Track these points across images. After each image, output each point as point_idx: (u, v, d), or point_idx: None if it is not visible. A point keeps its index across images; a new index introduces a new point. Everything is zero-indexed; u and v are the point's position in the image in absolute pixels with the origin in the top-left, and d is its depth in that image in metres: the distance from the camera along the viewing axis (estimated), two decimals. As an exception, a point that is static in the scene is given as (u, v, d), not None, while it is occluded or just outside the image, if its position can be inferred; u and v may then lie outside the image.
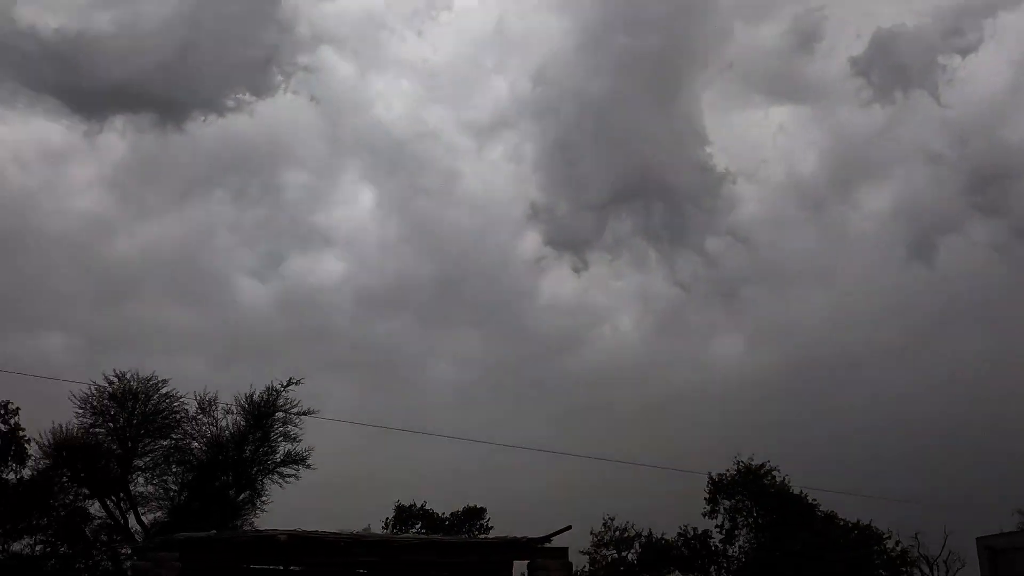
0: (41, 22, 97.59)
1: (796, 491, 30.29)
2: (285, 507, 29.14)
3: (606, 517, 32.64)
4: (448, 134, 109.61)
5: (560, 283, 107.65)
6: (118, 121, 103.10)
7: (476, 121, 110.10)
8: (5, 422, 26.79)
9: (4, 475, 26.50)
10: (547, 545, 15.65)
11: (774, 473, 30.47)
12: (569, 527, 16.13)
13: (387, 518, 35.56)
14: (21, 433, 27.01)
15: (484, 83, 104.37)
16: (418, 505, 36.30)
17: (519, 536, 15.74)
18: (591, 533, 32.32)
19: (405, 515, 35.83)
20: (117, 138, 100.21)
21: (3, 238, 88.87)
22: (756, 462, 30.65)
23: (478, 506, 36.59)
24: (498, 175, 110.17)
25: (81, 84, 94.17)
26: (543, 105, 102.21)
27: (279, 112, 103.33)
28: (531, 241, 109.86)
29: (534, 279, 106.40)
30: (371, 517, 37.83)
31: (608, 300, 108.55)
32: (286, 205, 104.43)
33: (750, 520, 30.11)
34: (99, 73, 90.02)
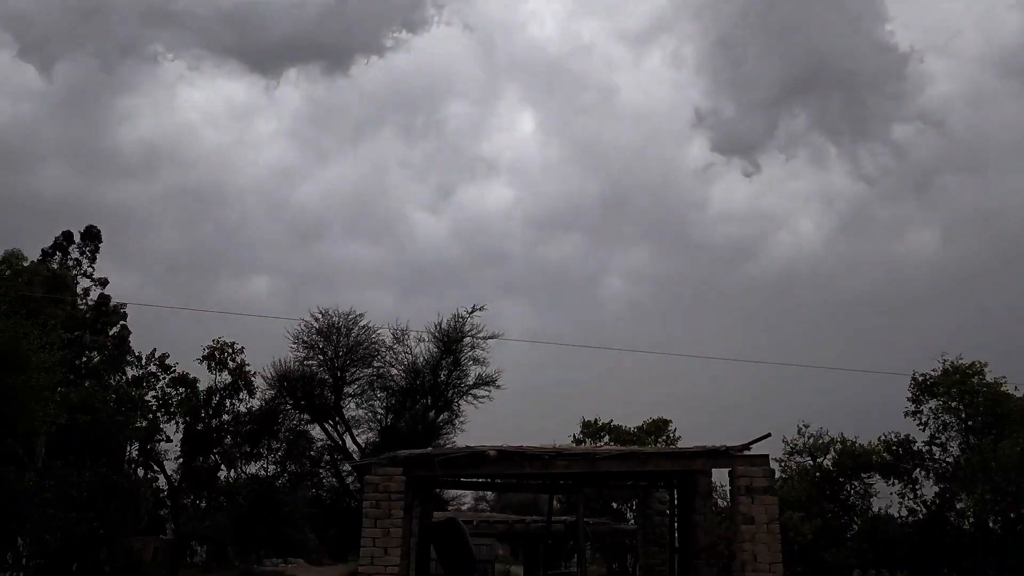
0: None
1: (1011, 391, 28.04)
2: (479, 425, 30.97)
3: (800, 424, 31.90)
4: (603, 47, 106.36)
5: (731, 190, 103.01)
6: (291, 73, 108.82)
7: (631, 29, 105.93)
8: (232, 359, 30.05)
9: (236, 407, 29.93)
10: (747, 453, 15.62)
11: (985, 371, 28.30)
12: (769, 434, 15.97)
13: (573, 434, 36.74)
14: (247, 368, 30.26)
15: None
16: (603, 420, 37.19)
17: (717, 445, 15.80)
18: (783, 441, 31.79)
19: (592, 429, 36.83)
20: (292, 89, 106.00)
21: (205, 192, 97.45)
22: (965, 361, 28.54)
23: (663, 418, 36.92)
24: (657, 84, 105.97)
25: (256, 43, 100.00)
26: (702, 2, 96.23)
27: (435, 46, 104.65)
28: (697, 149, 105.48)
29: (703, 188, 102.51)
30: (557, 433, 39.27)
31: (785, 204, 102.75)
32: (451, 137, 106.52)
33: (959, 423, 28.31)
34: (270, 30, 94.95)
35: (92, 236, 31.94)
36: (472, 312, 29.59)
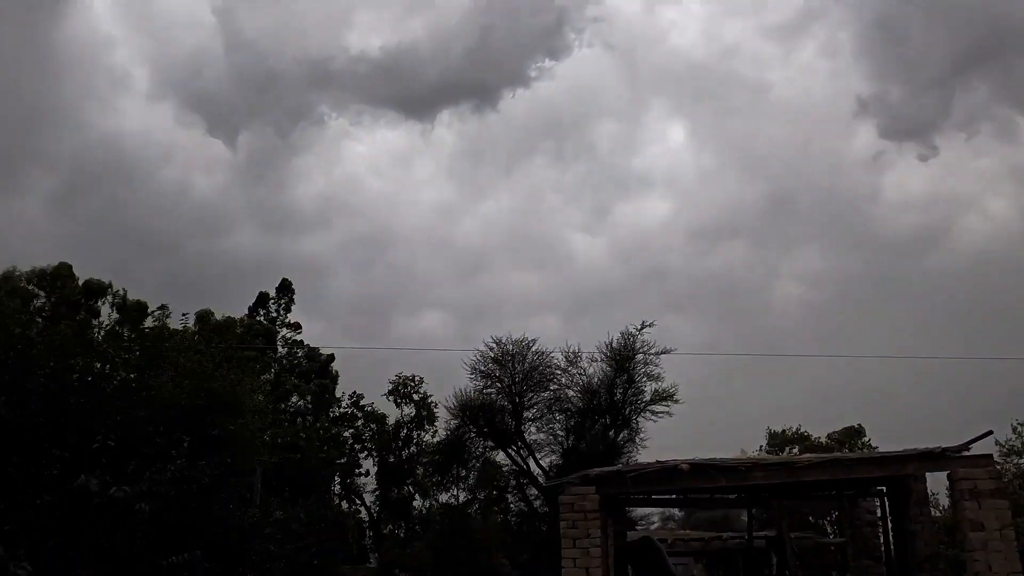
0: (367, 44, 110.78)
1: None
2: (659, 442, 30.46)
3: (1015, 423, 28.98)
4: (750, 45, 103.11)
5: (906, 177, 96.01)
6: (444, 115, 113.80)
7: (778, 23, 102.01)
8: (416, 392, 31.48)
9: (423, 437, 31.23)
10: (966, 453, 14.30)
11: None
12: (990, 432, 14.59)
13: (760, 445, 35.31)
14: (430, 400, 31.58)
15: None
16: (791, 429, 35.49)
17: (931, 446, 14.58)
18: (996, 443, 28.97)
19: (779, 440, 35.24)
20: (445, 130, 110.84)
21: (375, 237, 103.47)
22: None
23: (856, 425, 34.71)
24: (813, 75, 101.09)
25: (409, 91, 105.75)
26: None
27: (579, 69, 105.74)
28: (864, 137, 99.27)
29: (875, 178, 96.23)
30: (742, 446, 37.74)
31: (971, 184, 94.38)
32: (602, 156, 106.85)
33: None
34: (421, 77, 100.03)
35: (285, 289, 34.65)
36: (641, 329, 29.40)
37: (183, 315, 20.67)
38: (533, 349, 29.76)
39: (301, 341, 33.23)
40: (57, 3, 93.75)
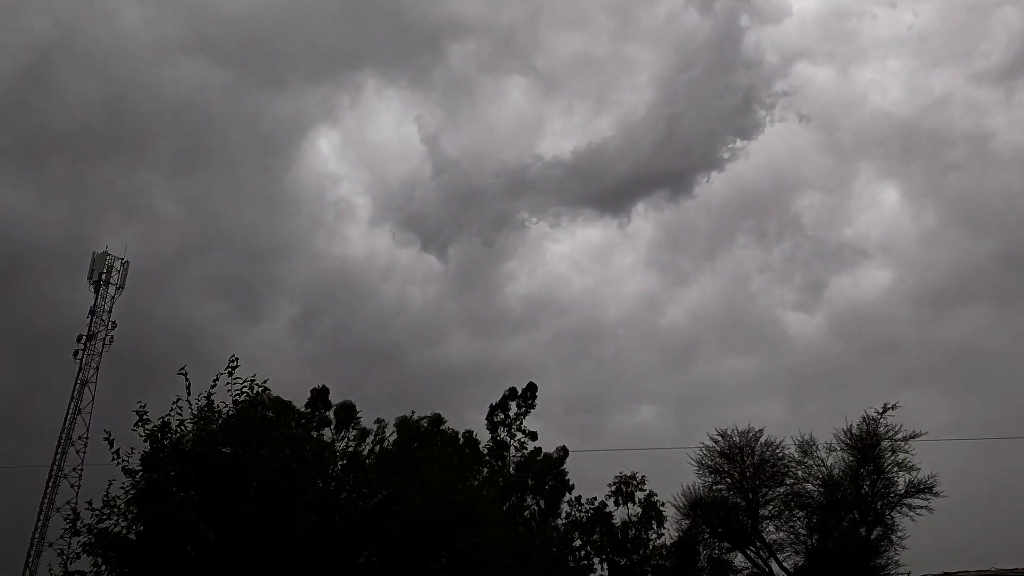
0: (559, 149, 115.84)
1: None
2: (920, 541, 27.15)
3: None
4: (963, 94, 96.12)
5: None
6: (639, 207, 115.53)
7: (993, 67, 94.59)
8: (640, 490, 30.48)
9: (652, 539, 29.95)
10: None
11: None
12: None
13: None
14: (654, 499, 30.40)
15: (987, 20, 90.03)
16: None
17: None
18: None
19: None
20: (642, 221, 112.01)
21: (582, 333, 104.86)
22: None
23: None
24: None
25: (603, 188, 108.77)
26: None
27: (773, 145, 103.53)
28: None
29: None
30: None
31: None
32: (809, 230, 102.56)
33: None
34: (614, 173, 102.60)
35: (529, 393, 34.70)
36: (883, 412, 26.91)
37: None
38: (762, 440, 28.09)
39: (538, 449, 33.13)
40: (290, 148, 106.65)
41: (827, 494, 27.17)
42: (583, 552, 29.59)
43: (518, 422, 33.34)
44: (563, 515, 30.36)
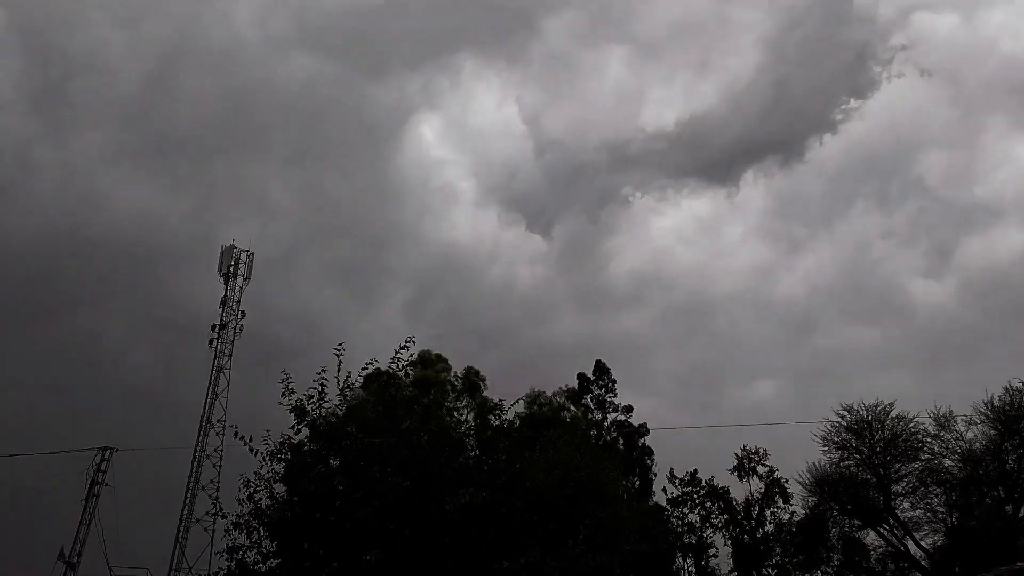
0: (662, 120, 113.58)
1: None
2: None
3: None
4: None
5: None
6: (748, 175, 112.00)
7: None
8: (763, 465, 29.77)
9: (777, 515, 29.23)
10: None
11: None
12: None
13: None
14: (778, 475, 29.63)
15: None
16: None
17: None
18: None
19: None
20: (752, 190, 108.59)
21: (692, 308, 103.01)
22: None
23: None
24: None
25: (709, 158, 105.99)
26: None
27: (892, 102, 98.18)
28: None
29: None
30: None
31: None
32: (935, 191, 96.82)
33: None
34: (719, 142, 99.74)
35: (602, 371, 35.00)
36: (1033, 384, 25.17)
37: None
38: (893, 414, 26.86)
39: (625, 422, 33.15)
40: (395, 135, 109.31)
41: (967, 470, 25.74)
42: (702, 528, 29.21)
43: (606, 396, 33.17)
44: (665, 492, 30.02)
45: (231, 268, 37.48)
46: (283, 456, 15.79)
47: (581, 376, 35.27)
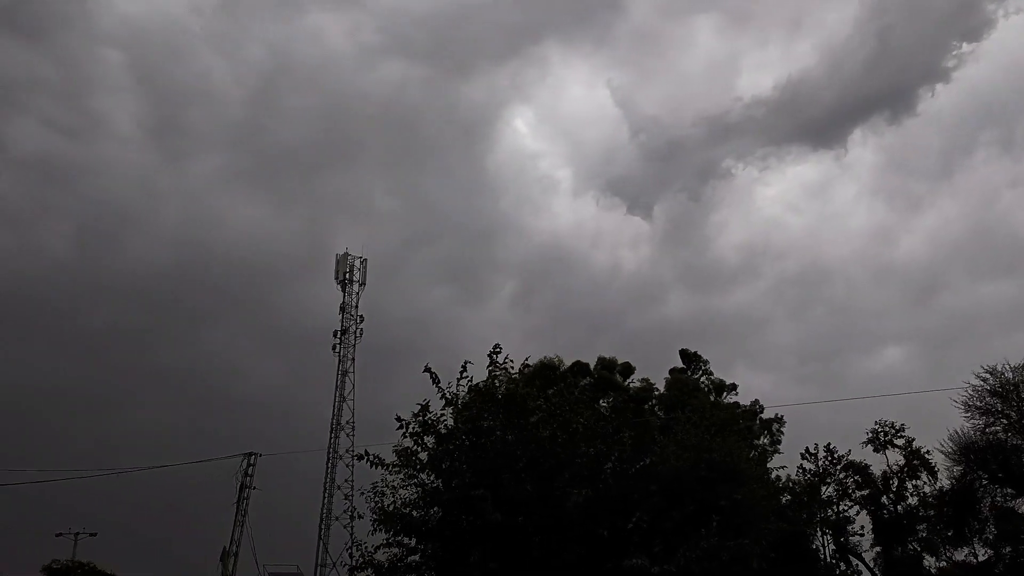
0: (758, 86, 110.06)
1: None
2: None
3: None
4: None
5: None
6: (856, 135, 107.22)
7: None
8: (900, 437, 28.48)
9: (920, 488, 27.92)
10: None
11: None
12: None
13: None
14: (917, 446, 28.29)
15: None
16: None
17: None
18: None
19: None
20: (861, 150, 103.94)
21: (806, 276, 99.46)
22: None
23: None
24: None
25: (810, 120, 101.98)
26: None
27: (1009, 42, 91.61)
28: None
29: None
30: None
31: None
32: None
33: None
34: (819, 102, 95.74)
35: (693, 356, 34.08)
36: None
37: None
38: (1036, 374, 25.14)
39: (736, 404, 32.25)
40: (489, 131, 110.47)
41: None
42: (838, 504, 28.28)
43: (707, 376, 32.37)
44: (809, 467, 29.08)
45: (347, 275, 38.96)
46: (411, 464, 16.27)
47: (683, 353, 34.35)
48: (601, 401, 26.81)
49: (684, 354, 33.60)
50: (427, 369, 16.39)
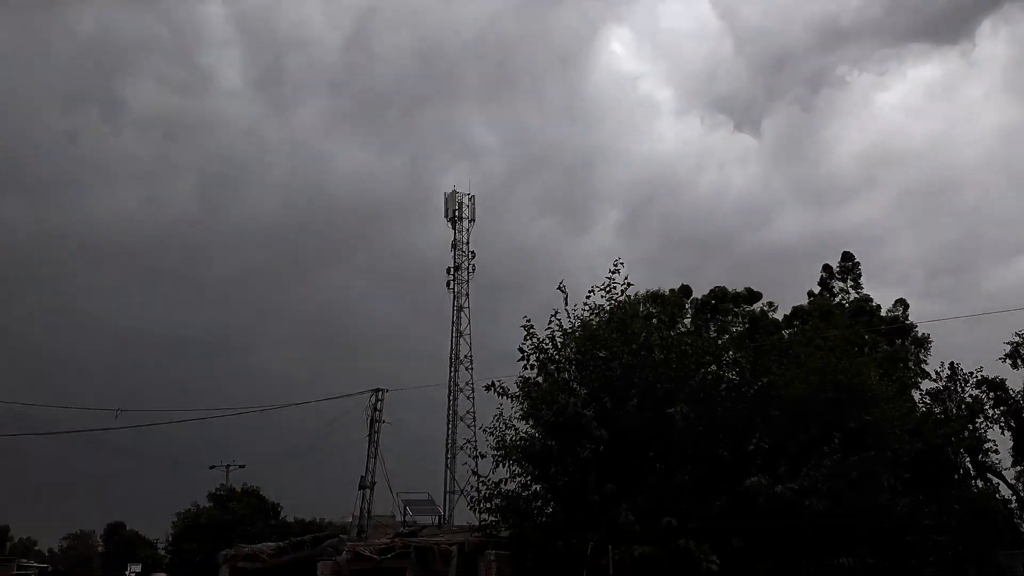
0: None
1: None
2: None
3: None
4: None
5: None
6: (985, 27, 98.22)
7: None
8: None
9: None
10: None
11: None
12: None
13: None
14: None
15: None
16: None
17: None
18: None
19: None
20: (992, 43, 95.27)
21: (930, 184, 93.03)
22: None
23: None
24: None
25: (935, 14, 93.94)
26: None
27: None
28: None
29: None
30: None
31: None
32: None
33: None
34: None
35: (848, 261, 32.65)
36: None
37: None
38: None
39: (878, 307, 30.85)
40: (585, 57, 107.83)
41: None
42: (974, 423, 26.93)
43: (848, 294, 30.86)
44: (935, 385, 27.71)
45: (456, 212, 39.52)
46: (528, 394, 16.83)
47: (826, 268, 32.81)
48: (712, 327, 26.40)
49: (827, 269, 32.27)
50: (560, 287, 17.22)
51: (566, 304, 17.19)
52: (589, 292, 17.25)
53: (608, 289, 17.35)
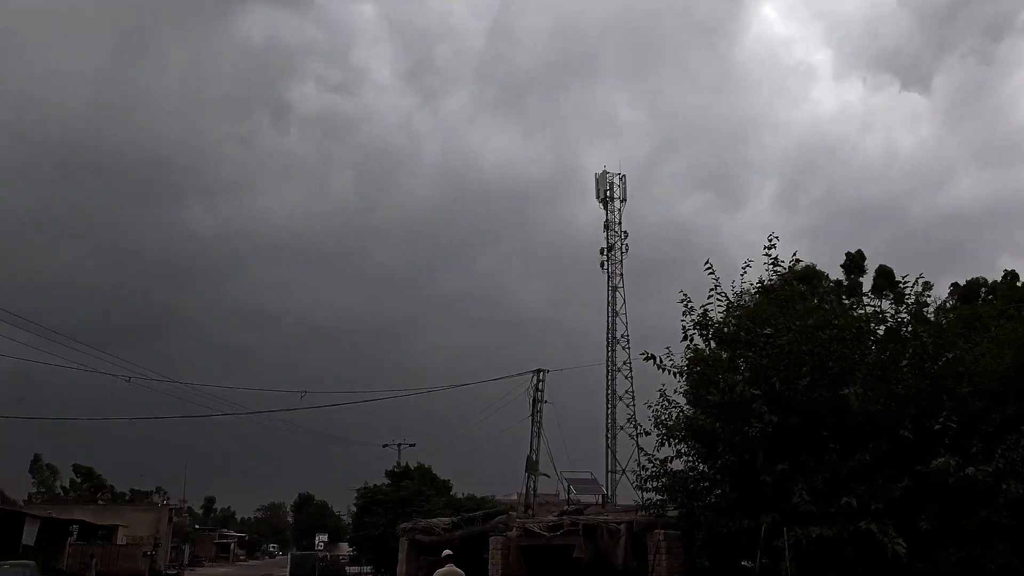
0: None
1: None
2: None
3: None
4: None
5: None
6: None
7: None
8: None
9: None
10: None
11: None
12: None
13: None
14: None
15: None
16: None
17: None
18: None
19: None
20: None
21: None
22: None
23: None
24: None
25: None
26: None
27: None
28: None
29: None
30: None
31: None
32: None
33: None
34: None
35: None
36: None
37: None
38: None
39: None
40: (733, 23, 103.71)
41: None
42: None
43: None
44: None
45: (607, 193, 39.48)
46: (692, 371, 16.71)
47: None
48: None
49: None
50: (707, 265, 16.95)
51: (717, 283, 16.96)
52: (744, 268, 16.93)
53: (774, 262, 16.94)
